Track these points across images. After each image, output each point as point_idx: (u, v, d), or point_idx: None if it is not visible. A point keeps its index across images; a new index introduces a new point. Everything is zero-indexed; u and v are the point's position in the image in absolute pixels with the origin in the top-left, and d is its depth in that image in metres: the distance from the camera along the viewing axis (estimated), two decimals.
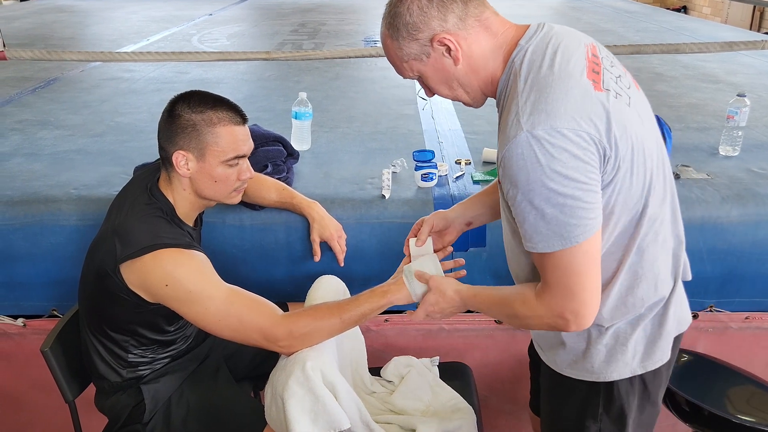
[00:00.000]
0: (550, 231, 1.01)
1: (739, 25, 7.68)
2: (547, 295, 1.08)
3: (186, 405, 1.52)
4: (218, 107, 1.39)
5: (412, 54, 1.12)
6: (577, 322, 1.07)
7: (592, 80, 1.04)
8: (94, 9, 6.56)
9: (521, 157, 0.98)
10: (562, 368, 1.25)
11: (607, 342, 1.18)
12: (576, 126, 0.98)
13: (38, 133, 2.53)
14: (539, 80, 1.02)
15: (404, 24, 1.09)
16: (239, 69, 3.65)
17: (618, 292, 1.14)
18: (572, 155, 0.97)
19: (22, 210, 1.89)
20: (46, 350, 1.48)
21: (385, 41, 1.15)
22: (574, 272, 1.04)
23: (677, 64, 3.72)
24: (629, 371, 1.19)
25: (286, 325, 1.34)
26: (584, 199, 0.99)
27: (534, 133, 0.97)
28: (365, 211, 1.88)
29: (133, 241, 1.33)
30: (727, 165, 2.14)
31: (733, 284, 1.94)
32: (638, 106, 1.10)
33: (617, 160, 1.02)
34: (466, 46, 1.09)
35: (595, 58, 1.09)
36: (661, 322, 1.18)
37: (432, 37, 1.09)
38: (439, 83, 1.15)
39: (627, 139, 1.02)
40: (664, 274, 1.16)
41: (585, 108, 0.99)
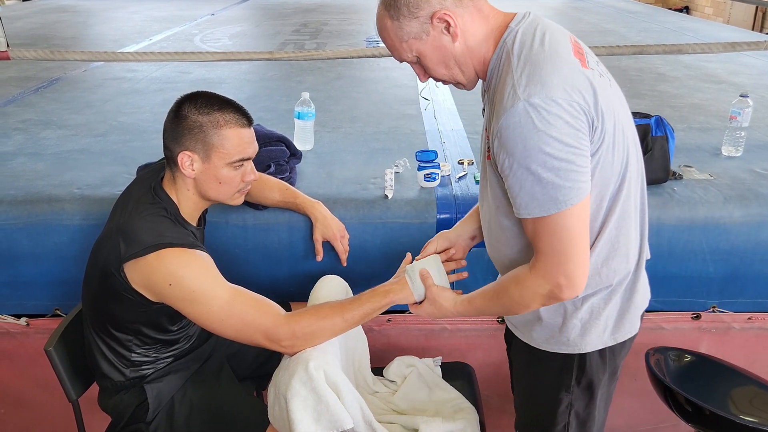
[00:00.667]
0: (545, 195, 1.06)
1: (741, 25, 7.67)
2: (541, 264, 1.12)
3: (189, 404, 1.52)
4: (225, 109, 1.39)
5: (413, 33, 1.14)
6: (571, 286, 1.12)
7: (578, 59, 1.10)
8: (97, 9, 6.57)
9: (519, 124, 1.03)
10: (539, 343, 1.30)
11: (582, 316, 1.24)
12: (568, 96, 1.04)
13: (41, 133, 2.53)
14: (532, 56, 1.08)
15: (405, 3, 1.12)
16: (242, 69, 3.66)
17: (595, 262, 1.19)
18: (566, 122, 1.03)
19: (25, 209, 1.89)
20: (50, 349, 1.49)
21: (383, 22, 1.17)
22: (567, 235, 1.09)
23: (680, 64, 3.72)
24: (601, 343, 1.26)
25: (289, 325, 1.34)
26: (577, 163, 1.05)
27: (531, 101, 1.03)
28: (368, 211, 1.88)
29: (137, 240, 1.33)
30: (729, 165, 2.14)
31: (736, 285, 1.94)
32: (617, 92, 1.18)
33: (603, 132, 1.08)
34: (463, 23, 1.13)
35: (577, 45, 1.16)
36: (630, 296, 1.25)
37: (432, 14, 1.12)
38: (438, 63, 1.18)
39: (610, 114, 1.09)
40: (633, 249, 1.23)
41: (575, 81, 1.06)
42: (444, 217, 1.87)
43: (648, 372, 1.76)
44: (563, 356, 1.28)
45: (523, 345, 1.34)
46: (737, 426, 1.58)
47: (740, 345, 2.02)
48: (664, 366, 1.78)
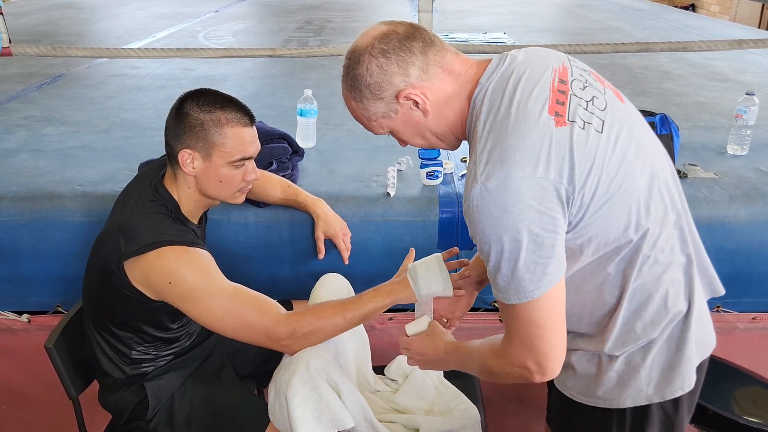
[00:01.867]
0: (506, 285, 0.99)
1: (747, 23, 7.62)
2: (509, 346, 1.05)
3: (189, 402, 1.52)
4: (227, 107, 1.38)
5: (380, 113, 1.09)
6: (541, 372, 1.04)
7: (554, 114, 0.99)
8: (101, 5, 6.57)
9: (477, 209, 0.96)
10: (573, 394, 1.18)
11: (619, 368, 1.12)
12: (532, 173, 0.94)
13: (44, 130, 2.53)
14: (496, 124, 0.99)
15: (366, 85, 1.06)
16: (245, 66, 3.65)
17: (624, 318, 1.09)
18: (526, 206, 0.94)
19: (27, 206, 1.89)
20: (50, 347, 1.48)
21: (348, 103, 1.12)
22: (533, 324, 1.01)
23: (685, 62, 3.70)
24: (644, 398, 1.12)
25: (290, 324, 1.34)
26: (540, 253, 0.96)
27: (487, 185, 0.95)
28: (370, 209, 1.87)
29: (137, 237, 1.33)
30: (735, 164, 2.12)
31: (741, 284, 1.93)
32: (615, 128, 1.03)
33: (585, 198, 0.98)
34: (433, 95, 1.06)
35: (561, 84, 1.04)
36: (678, 346, 1.11)
37: (397, 93, 1.05)
38: (412, 136, 1.12)
39: (595, 172, 0.98)
40: (674, 295, 1.09)
41: (543, 151, 0.95)
42: (446, 215, 1.86)
43: None
44: (601, 410, 1.15)
45: (558, 391, 1.22)
46: (741, 426, 1.57)
47: (744, 345, 2.01)
48: None
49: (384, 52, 1.04)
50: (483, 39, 4.43)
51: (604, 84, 1.12)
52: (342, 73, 1.10)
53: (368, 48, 1.05)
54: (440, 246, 1.88)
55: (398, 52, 1.04)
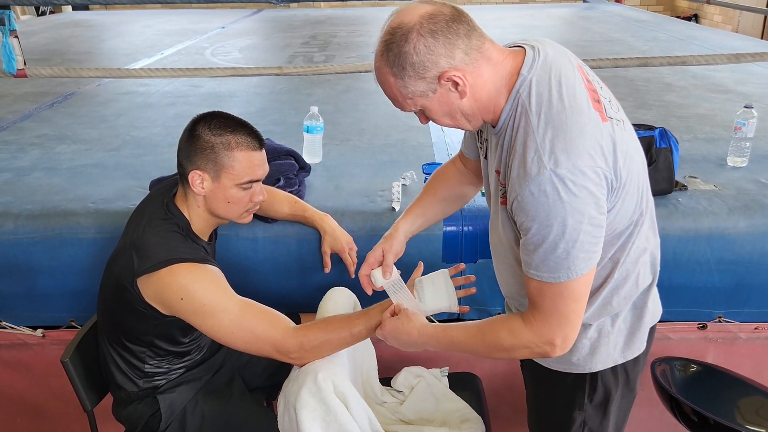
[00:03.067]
0: (558, 264, 1.06)
1: (750, 33, 7.65)
2: (540, 322, 1.12)
3: (201, 414, 1.55)
4: (237, 131, 1.43)
5: (418, 91, 1.10)
6: (563, 346, 1.14)
7: (598, 111, 1.07)
8: (110, 23, 6.67)
9: (544, 194, 1.02)
10: (549, 363, 1.31)
11: (591, 336, 1.25)
12: (593, 163, 1.03)
13: (56, 148, 2.59)
14: (553, 116, 1.05)
15: (411, 63, 1.06)
16: (251, 82, 3.71)
17: (604, 296, 1.21)
18: (590, 192, 1.02)
19: (41, 224, 1.94)
20: (66, 360, 1.52)
21: (386, 78, 1.11)
22: (571, 301, 1.10)
23: (687, 73, 3.73)
24: (611, 361, 1.27)
25: (298, 338, 1.37)
26: (593, 234, 1.05)
27: (557, 171, 1.01)
28: (376, 224, 1.91)
29: (149, 255, 1.37)
30: (734, 176, 2.15)
31: (742, 295, 1.95)
32: (629, 125, 1.16)
33: (620, 188, 1.08)
34: (472, 79, 1.08)
35: (589, 84, 1.13)
36: (640, 315, 1.27)
37: (440, 74, 1.07)
38: (443, 116, 1.15)
39: (627, 164, 1.09)
40: (644, 273, 1.24)
41: (598, 143, 1.04)
42: (450, 229, 1.90)
43: (654, 382, 1.77)
44: (574, 375, 1.29)
45: (533, 364, 1.35)
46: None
47: (746, 355, 2.03)
48: (670, 376, 1.79)
49: (433, 32, 1.05)
50: None
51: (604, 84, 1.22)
52: (380, 47, 1.10)
53: (416, 26, 1.05)
54: (444, 259, 1.91)
55: (446, 33, 1.05)
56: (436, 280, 1.42)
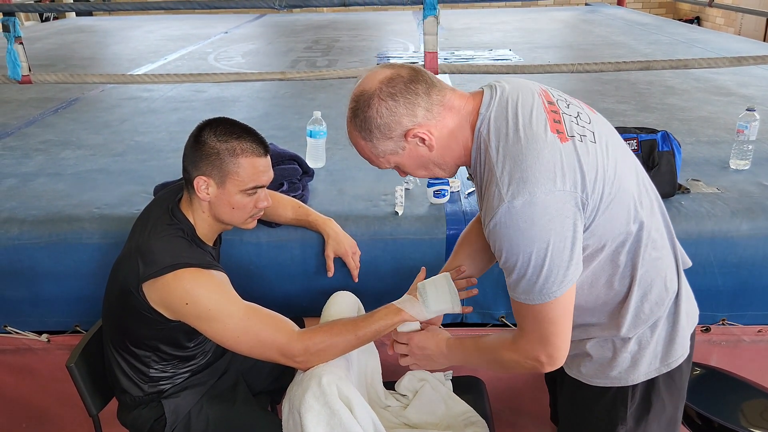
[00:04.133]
0: (529, 288, 1.10)
1: (752, 35, 7.64)
2: (523, 341, 1.18)
3: (205, 419, 1.56)
4: (243, 138, 1.44)
5: (388, 150, 1.17)
6: (551, 363, 1.17)
7: (556, 132, 1.10)
8: (113, 29, 6.71)
9: (504, 225, 1.06)
10: (588, 378, 1.30)
11: (632, 349, 1.24)
12: (552, 187, 1.05)
13: (61, 153, 2.61)
14: (509, 148, 1.09)
15: (376, 126, 1.13)
16: (255, 87, 3.73)
17: (635, 303, 1.21)
18: (551, 218, 1.05)
19: (46, 229, 1.95)
20: (71, 365, 1.53)
21: (356, 141, 1.19)
22: (548, 322, 1.13)
23: (689, 76, 3.73)
24: (654, 371, 1.26)
25: (303, 342, 1.38)
26: (562, 258, 1.07)
27: (514, 203, 1.04)
28: (379, 228, 1.92)
29: (155, 260, 1.38)
30: (737, 179, 2.15)
31: (745, 297, 1.95)
32: (602, 136, 1.16)
33: (595, 203, 1.09)
34: (437, 131, 1.15)
35: (551, 105, 1.15)
36: (675, 321, 1.25)
37: (405, 132, 1.14)
38: (417, 168, 1.21)
39: (600, 178, 1.09)
40: (671, 274, 1.24)
41: (557, 166, 1.06)
42: (453, 233, 1.90)
43: None
44: (616, 389, 1.28)
45: (571, 379, 1.34)
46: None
47: (750, 358, 2.03)
48: None
49: (392, 95, 1.12)
50: (488, 56, 4.49)
51: (578, 101, 1.24)
52: (348, 114, 1.18)
53: (376, 91, 1.13)
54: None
55: (405, 94, 1.12)
56: (439, 283, 1.43)
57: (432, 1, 2.24)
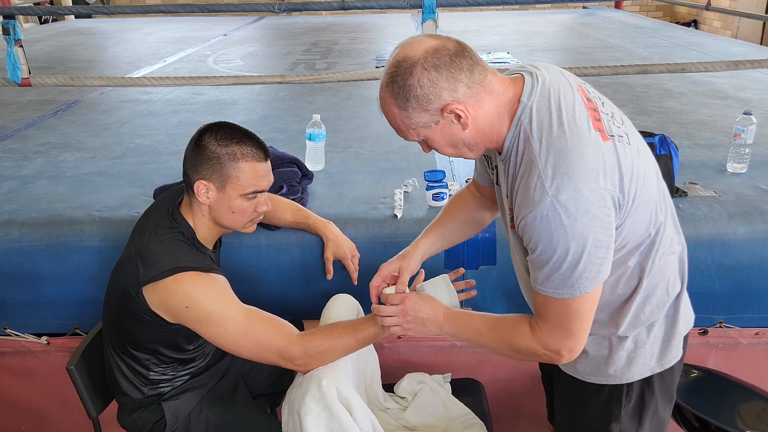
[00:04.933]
0: (562, 282, 1.09)
1: (749, 39, 7.67)
2: (546, 333, 1.17)
3: (205, 421, 1.56)
4: (243, 143, 1.44)
5: (421, 122, 1.13)
6: (570, 356, 1.18)
7: (598, 130, 1.09)
8: (112, 31, 6.71)
9: (546, 219, 1.05)
10: (584, 375, 1.32)
11: (628, 347, 1.26)
12: (595, 185, 1.05)
13: (61, 156, 2.61)
14: (553, 142, 1.07)
15: (414, 96, 1.10)
16: (254, 90, 3.73)
17: (636, 306, 1.22)
18: (593, 216, 1.05)
19: (47, 231, 1.96)
20: (72, 368, 1.54)
21: (390, 109, 1.15)
22: (576, 316, 1.14)
23: (686, 79, 3.75)
24: (648, 370, 1.28)
25: (302, 344, 1.39)
26: (598, 255, 1.07)
27: (559, 197, 1.04)
28: (378, 231, 1.93)
29: (155, 264, 1.39)
30: (734, 182, 2.16)
31: (743, 300, 1.96)
32: (634, 139, 1.16)
33: (628, 204, 1.10)
34: (474, 111, 1.12)
35: (590, 103, 1.15)
36: (673, 322, 1.27)
37: (443, 107, 1.10)
38: (446, 146, 1.18)
39: (634, 180, 1.10)
40: (673, 278, 1.25)
41: (600, 164, 1.06)
42: None
43: None
44: (611, 387, 1.29)
45: (567, 377, 1.36)
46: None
47: (748, 360, 2.04)
48: None
49: (436, 66, 1.08)
50: (487, 59, 4.51)
51: (609, 101, 1.23)
52: (385, 79, 1.13)
53: (420, 60, 1.09)
54: (446, 265, 1.93)
55: (449, 68, 1.09)
56: (438, 285, 1.44)
57: (431, 5, 2.25)
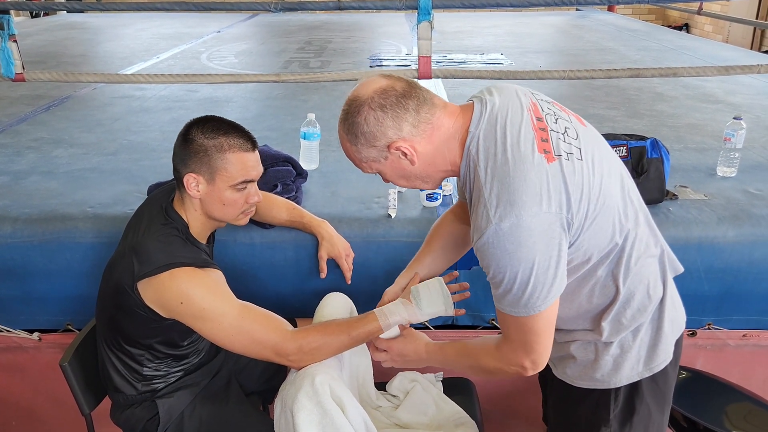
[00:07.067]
0: (515, 302, 1.14)
1: (739, 43, 7.74)
2: (508, 349, 1.23)
3: (198, 419, 1.57)
4: (230, 134, 1.45)
5: (371, 157, 1.21)
6: (535, 368, 1.23)
7: (543, 151, 1.12)
8: (105, 26, 6.68)
9: (492, 246, 1.09)
10: (573, 380, 1.34)
11: (613, 352, 1.28)
12: (538, 210, 1.08)
13: (53, 152, 2.60)
14: (498, 170, 1.11)
15: (362, 132, 1.17)
16: (248, 88, 3.73)
17: (615, 312, 1.24)
18: (536, 240, 1.08)
19: (39, 227, 1.95)
20: (65, 365, 1.54)
21: (343, 143, 1.23)
22: (533, 333, 1.18)
23: (677, 83, 3.78)
24: (636, 375, 1.29)
25: (297, 341, 1.40)
26: (547, 276, 1.11)
27: (501, 226, 1.08)
28: (372, 230, 1.94)
29: (150, 259, 1.39)
30: (724, 186, 2.19)
31: (731, 303, 1.98)
32: (588, 152, 1.17)
33: (580, 221, 1.12)
34: (421, 147, 1.18)
35: (539, 122, 1.17)
36: (658, 326, 1.28)
37: (388, 144, 1.17)
38: (398, 178, 1.25)
39: (585, 197, 1.12)
40: (654, 282, 1.26)
41: (544, 188, 1.09)
42: None
43: None
44: (599, 392, 1.31)
45: (558, 380, 1.38)
46: None
47: (735, 362, 2.06)
48: None
49: (382, 106, 1.16)
50: (480, 60, 4.52)
51: (567, 112, 1.25)
52: (340, 116, 1.22)
53: (368, 100, 1.17)
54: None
55: (395, 108, 1.16)
56: (432, 286, 1.45)
57: (426, 6, 2.26)
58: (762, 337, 2.03)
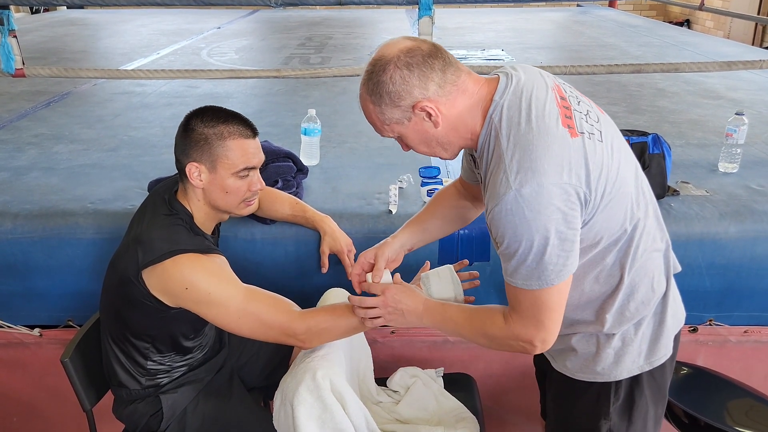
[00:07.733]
0: (529, 273, 1.12)
1: (741, 39, 7.72)
2: (518, 324, 1.19)
3: (201, 415, 1.57)
4: (229, 122, 1.45)
5: (394, 119, 1.18)
6: (543, 347, 1.20)
7: (567, 127, 1.12)
8: (105, 22, 6.66)
9: (510, 212, 1.08)
10: (573, 373, 1.33)
11: (615, 345, 1.28)
12: (558, 179, 1.07)
13: (54, 148, 2.60)
14: (520, 138, 1.10)
15: (387, 92, 1.15)
16: (248, 84, 3.73)
17: (620, 302, 1.24)
18: (555, 209, 1.07)
19: (40, 223, 1.95)
20: (66, 360, 1.53)
21: (366, 105, 1.20)
22: (546, 308, 1.16)
23: (679, 79, 3.77)
24: (637, 368, 1.29)
25: (305, 320, 1.41)
26: (562, 247, 1.10)
27: (521, 191, 1.06)
28: (373, 226, 1.93)
29: (153, 248, 1.39)
30: (725, 182, 2.19)
31: (732, 298, 1.98)
32: (608, 136, 1.18)
33: (596, 200, 1.12)
34: (446, 110, 1.16)
35: (563, 101, 1.17)
36: (660, 320, 1.28)
37: (413, 104, 1.15)
38: (419, 143, 1.22)
39: (603, 176, 1.12)
40: (658, 276, 1.26)
41: (565, 159, 1.08)
42: None
43: None
44: (599, 384, 1.31)
45: (558, 374, 1.37)
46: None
47: (737, 358, 2.06)
48: None
49: (408, 65, 1.13)
50: (481, 56, 4.51)
51: (587, 99, 1.26)
52: (363, 77, 1.19)
53: (394, 59, 1.14)
54: (441, 261, 1.94)
55: (421, 67, 1.13)
56: (442, 273, 1.46)
57: (427, 2, 2.26)
58: (763, 333, 2.03)
